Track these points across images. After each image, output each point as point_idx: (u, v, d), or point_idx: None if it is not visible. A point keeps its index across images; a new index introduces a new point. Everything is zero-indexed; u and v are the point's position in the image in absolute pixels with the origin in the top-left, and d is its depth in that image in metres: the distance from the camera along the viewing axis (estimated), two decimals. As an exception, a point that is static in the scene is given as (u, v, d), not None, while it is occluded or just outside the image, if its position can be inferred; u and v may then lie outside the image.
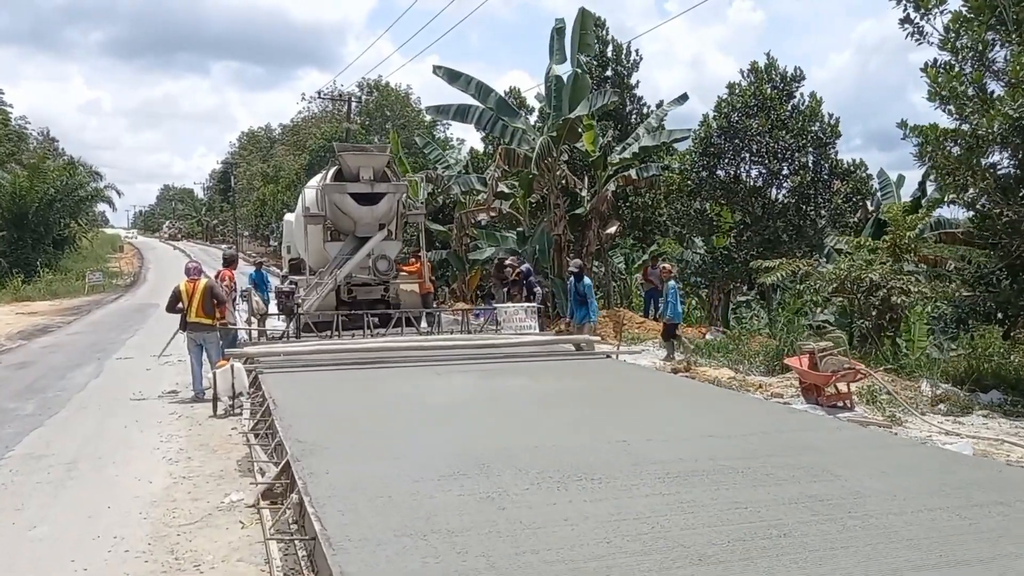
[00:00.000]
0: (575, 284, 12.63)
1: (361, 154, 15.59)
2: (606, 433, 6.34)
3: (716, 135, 15.60)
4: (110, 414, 9.25)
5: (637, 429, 6.50)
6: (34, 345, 16.46)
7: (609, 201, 17.53)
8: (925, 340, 15.23)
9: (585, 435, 6.30)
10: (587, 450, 5.78)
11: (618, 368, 10.26)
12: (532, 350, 11.27)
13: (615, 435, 6.24)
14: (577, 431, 6.45)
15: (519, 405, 7.49)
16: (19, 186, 35.05)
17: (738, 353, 13.15)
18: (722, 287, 17.80)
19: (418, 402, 7.71)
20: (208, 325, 10.02)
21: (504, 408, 7.36)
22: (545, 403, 7.66)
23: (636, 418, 7.06)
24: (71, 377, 11.96)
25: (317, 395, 8.14)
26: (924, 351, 14.46)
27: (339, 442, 6.10)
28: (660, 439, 6.20)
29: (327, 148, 42.10)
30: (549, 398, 7.91)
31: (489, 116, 17.60)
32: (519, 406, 7.44)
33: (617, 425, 6.67)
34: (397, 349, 10.96)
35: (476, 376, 9.24)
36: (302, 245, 16.19)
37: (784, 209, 15.37)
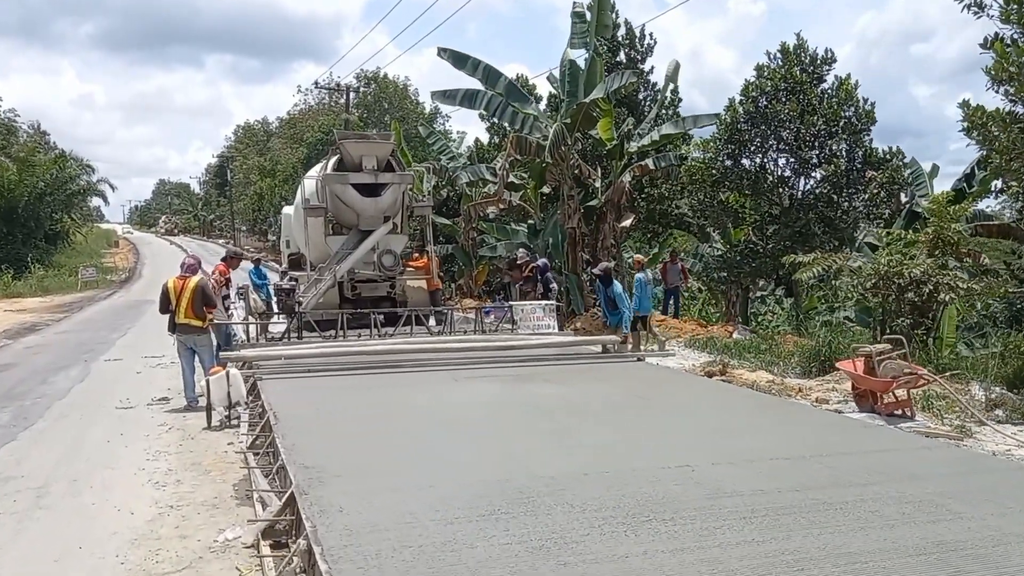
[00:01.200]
0: (603, 289, 11.64)
1: (364, 142, 14.65)
2: (663, 455, 5.44)
3: (743, 120, 14.67)
4: (92, 425, 8.34)
5: (697, 449, 5.61)
6: (18, 345, 15.53)
7: (627, 192, 16.61)
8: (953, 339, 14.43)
9: (639, 457, 5.41)
10: (647, 479, 4.89)
11: (652, 372, 9.37)
12: (554, 352, 10.38)
13: (674, 457, 5.35)
14: (629, 452, 5.55)
15: (555, 418, 6.59)
16: (8, 179, 34.04)
17: (772, 354, 12.27)
18: (741, 283, 16.91)
19: (439, 415, 6.81)
20: (198, 327, 9.10)
21: (538, 422, 6.46)
22: (583, 415, 6.76)
23: (690, 434, 6.17)
24: (53, 381, 11.05)
25: (323, 406, 7.23)
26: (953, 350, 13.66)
27: (352, 467, 5.20)
28: (727, 462, 5.31)
29: (325, 141, 41.09)
30: (586, 409, 7.02)
31: (499, 102, 16.65)
32: (555, 420, 6.54)
33: (672, 444, 5.78)
34: (408, 352, 10.06)
35: (499, 383, 8.34)
36: (302, 239, 15.25)
37: (816, 200, 14.45)
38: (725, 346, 12.96)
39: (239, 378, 8.10)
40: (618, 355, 10.23)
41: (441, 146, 22.18)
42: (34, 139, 51.36)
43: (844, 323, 22.59)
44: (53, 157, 40.63)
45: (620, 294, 11.40)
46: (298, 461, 5.35)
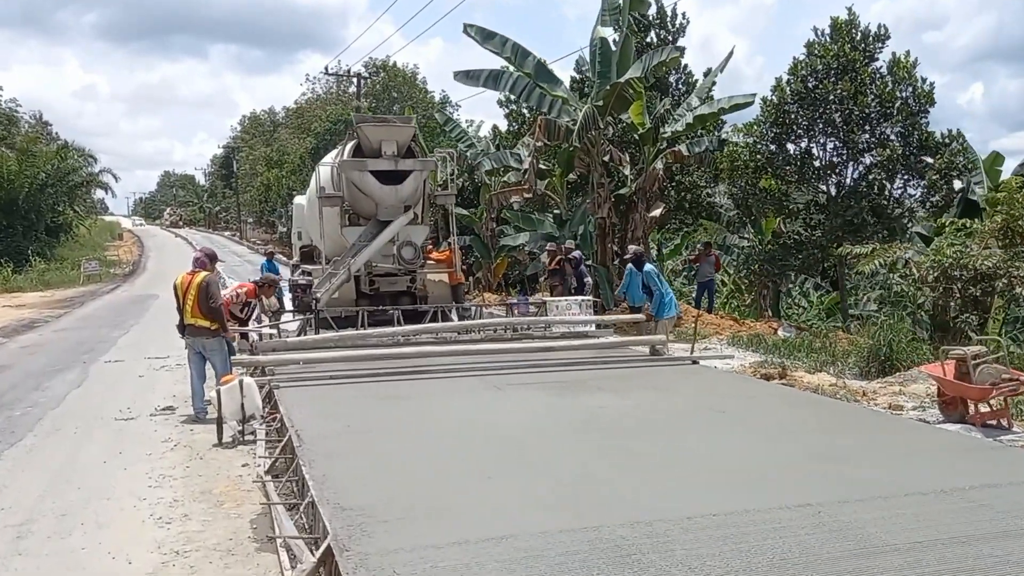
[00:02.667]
0: (636, 274, 10.64)
1: (383, 126, 13.64)
2: (774, 489, 4.46)
3: (790, 101, 13.59)
4: (88, 440, 7.39)
5: (810, 481, 4.62)
6: (13, 344, 14.61)
7: (661, 179, 15.57)
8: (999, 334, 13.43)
9: (745, 492, 4.42)
10: (769, 525, 3.91)
11: (712, 378, 8.36)
12: (598, 354, 9.39)
13: (789, 492, 4.37)
14: (730, 485, 4.56)
15: (625, 438, 5.60)
16: (7, 170, 33.11)
17: (826, 353, 11.26)
18: (782, 277, 15.87)
19: (490, 433, 5.83)
20: (206, 328, 8.10)
21: (608, 444, 5.47)
22: (656, 434, 5.77)
23: (792, 459, 5.16)
24: (48, 387, 10.11)
25: (353, 422, 6.26)
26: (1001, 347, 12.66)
27: (400, 509, 4.23)
28: (855, 499, 4.32)
29: (333, 131, 40.04)
30: (658, 426, 6.03)
31: (525, 83, 15.60)
32: (626, 440, 5.55)
33: (778, 474, 4.79)
34: (438, 355, 9.09)
35: (547, 392, 7.35)
36: (316, 230, 14.27)
37: (869, 187, 13.39)
38: (774, 345, 11.94)
39: (254, 388, 7.13)
40: (670, 358, 9.24)
41: (459, 133, 21.15)
42: (36, 130, 50.52)
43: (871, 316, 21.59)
44: (55, 148, 39.72)
45: (654, 275, 10.40)
46: (332, 499, 4.39)
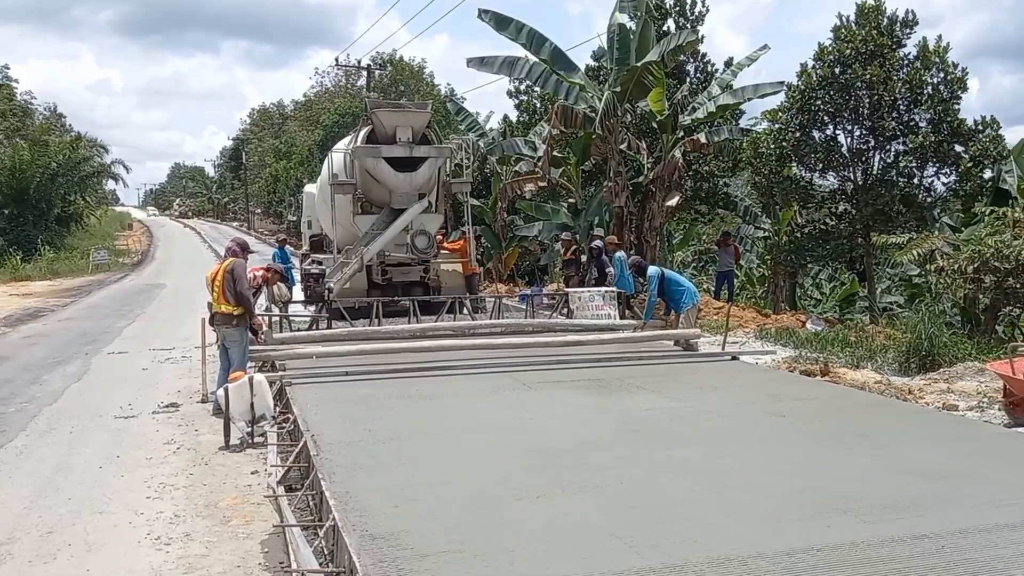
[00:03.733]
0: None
1: (398, 111, 12.79)
2: (878, 517, 3.65)
3: (816, 87, 12.71)
4: (84, 442, 6.59)
5: (918, 505, 3.82)
6: (16, 334, 13.80)
7: (680, 168, 14.71)
8: None
9: (844, 520, 3.62)
10: (886, 566, 3.12)
11: (758, 377, 7.57)
12: (627, 349, 8.59)
13: (896, 521, 3.59)
14: (825, 510, 3.76)
15: (683, 448, 4.80)
16: (19, 160, 32.20)
17: (864, 348, 10.44)
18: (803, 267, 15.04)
19: (529, 441, 5.02)
20: (228, 315, 7.24)
21: (666, 456, 4.66)
22: (718, 443, 4.96)
23: (888, 478, 4.34)
24: (46, 381, 9.30)
25: (374, 426, 5.45)
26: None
27: (441, 537, 3.44)
28: (978, 527, 3.52)
29: (341, 123, 39.10)
30: (716, 434, 5.22)
31: (542, 70, 14.72)
32: (685, 451, 4.75)
33: (872, 493, 3.97)
34: (459, 348, 8.28)
35: (582, 391, 6.55)
36: (327, 219, 13.44)
37: (899, 175, 12.53)
38: (805, 339, 11.11)
39: (264, 386, 6.32)
40: (707, 354, 8.43)
41: (470, 123, 20.27)
42: (50, 121, 49.56)
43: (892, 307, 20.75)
44: (68, 139, 38.81)
45: (655, 279, 9.50)
46: (358, 524, 3.59)
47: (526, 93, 23.84)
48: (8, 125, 37.44)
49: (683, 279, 9.81)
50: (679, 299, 9.26)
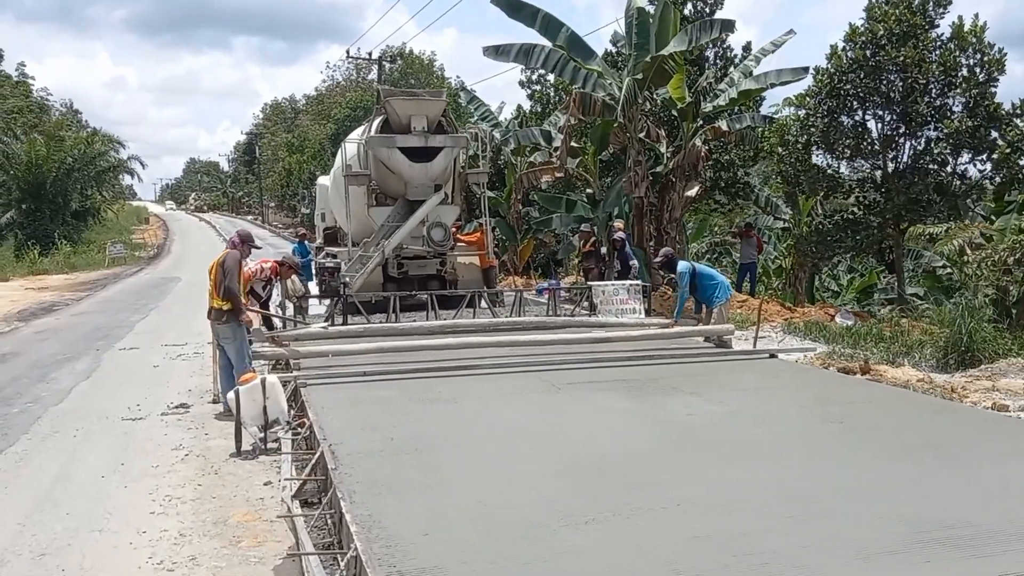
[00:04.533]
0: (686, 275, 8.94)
1: (412, 100, 12.22)
2: (993, 555, 3.08)
3: (848, 70, 12.01)
4: (88, 447, 6.12)
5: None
6: (28, 329, 13.40)
7: (703, 156, 14.06)
8: None
9: (957, 557, 3.05)
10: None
11: (803, 377, 6.98)
12: (658, 347, 8.01)
13: (1013, 556, 3.00)
14: (943, 543, 3.18)
15: (743, 462, 4.24)
16: (35, 155, 31.91)
17: (900, 343, 9.82)
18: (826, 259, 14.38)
19: (566, 452, 4.46)
20: (218, 310, 6.74)
21: (724, 471, 4.10)
22: (781, 457, 4.39)
23: (1002, 506, 3.77)
24: (54, 378, 8.86)
25: (399, 434, 4.92)
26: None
27: (479, 570, 2.91)
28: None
29: (352, 117, 38.54)
30: (777, 445, 4.64)
31: (558, 57, 14.09)
32: (746, 466, 4.19)
33: (994, 527, 3.39)
34: (480, 346, 7.73)
35: (616, 394, 5.99)
36: (341, 211, 12.92)
37: (933, 162, 11.84)
38: (837, 334, 10.50)
39: (278, 388, 5.81)
40: (745, 352, 7.86)
41: (484, 112, 19.65)
42: (67, 117, 49.33)
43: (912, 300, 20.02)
44: (84, 135, 38.51)
45: (687, 275, 8.78)
46: (385, 558, 3.06)
47: (539, 82, 23.17)
48: (25, 121, 37.23)
49: (715, 272, 9.20)
50: (712, 294, 8.66)
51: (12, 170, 32.05)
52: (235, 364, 6.70)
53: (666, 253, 9.18)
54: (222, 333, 6.72)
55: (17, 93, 41.75)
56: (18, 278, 25.13)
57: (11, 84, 42.27)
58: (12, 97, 40.21)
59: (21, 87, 43.77)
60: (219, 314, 6.67)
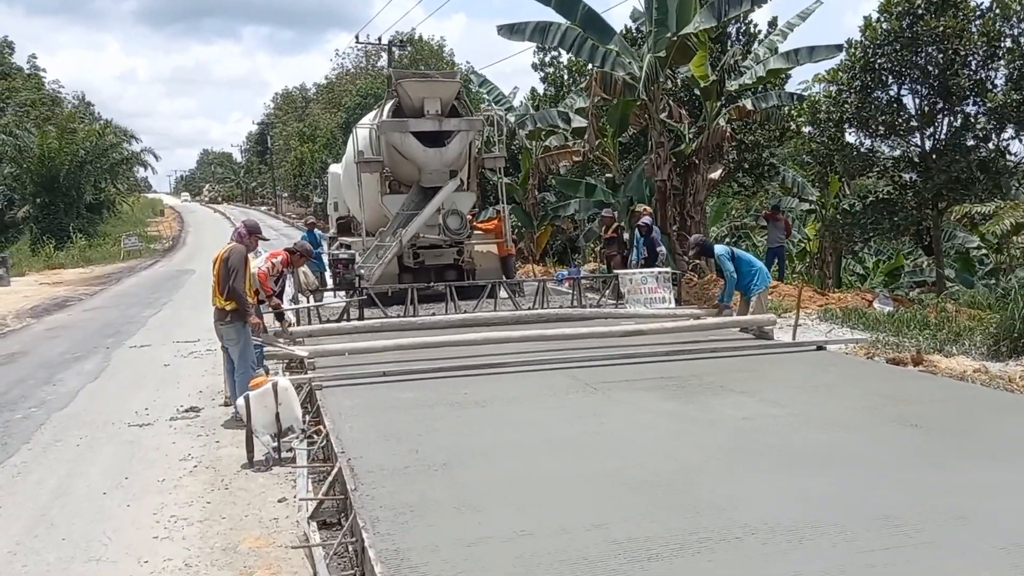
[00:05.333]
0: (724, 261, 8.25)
1: (425, 82, 11.65)
2: None
3: (883, 42, 11.26)
4: (90, 457, 5.67)
5: None
6: (39, 326, 13.03)
7: (729, 137, 13.38)
8: None
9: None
10: None
11: (858, 370, 6.40)
12: (694, 339, 7.45)
13: None
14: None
15: (818, 478, 3.69)
16: (48, 147, 31.56)
17: (948, 330, 9.18)
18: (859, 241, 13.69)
19: (615, 464, 3.92)
20: (220, 310, 6.20)
21: (808, 491, 3.55)
22: (857, 466, 3.83)
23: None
24: (61, 380, 8.43)
25: (422, 444, 4.41)
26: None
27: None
28: None
29: (363, 105, 37.90)
30: (847, 454, 4.08)
31: (575, 35, 13.41)
32: (823, 482, 3.64)
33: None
34: (505, 341, 7.21)
35: (659, 394, 5.45)
36: (354, 200, 12.41)
37: (977, 139, 11.11)
38: (876, 320, 9.86)
39: (291, 393, 5.31)
40: (791, 344, 7.27)
41: (496, 95, 18.99)
42: (79, 110, 49.03)
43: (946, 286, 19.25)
44: (96, 126, 38.15)
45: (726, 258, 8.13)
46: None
47: (552, 64, 22.48)
48: (38, 114, 36.92)
49: (753, 258, 8.57)
50: (750, 281, 8.04)
51: (25, 163, 31.76)
52: (237, 368, 6.20)
53: (698, 240, 8.57)
54: (225, 335, 6.22)
55: (29, 86, 41.42)
56: (34, 273, 24.91)
57: (23, 77, 41.93)
58: (24, 90, 39.90)
59: (33, 80, 43.42)
60: (221, 314, 6.16)
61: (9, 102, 37.48)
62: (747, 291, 8.22)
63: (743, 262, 8.20)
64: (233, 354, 6.23)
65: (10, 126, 33.29)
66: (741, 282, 8.27)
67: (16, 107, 36.99)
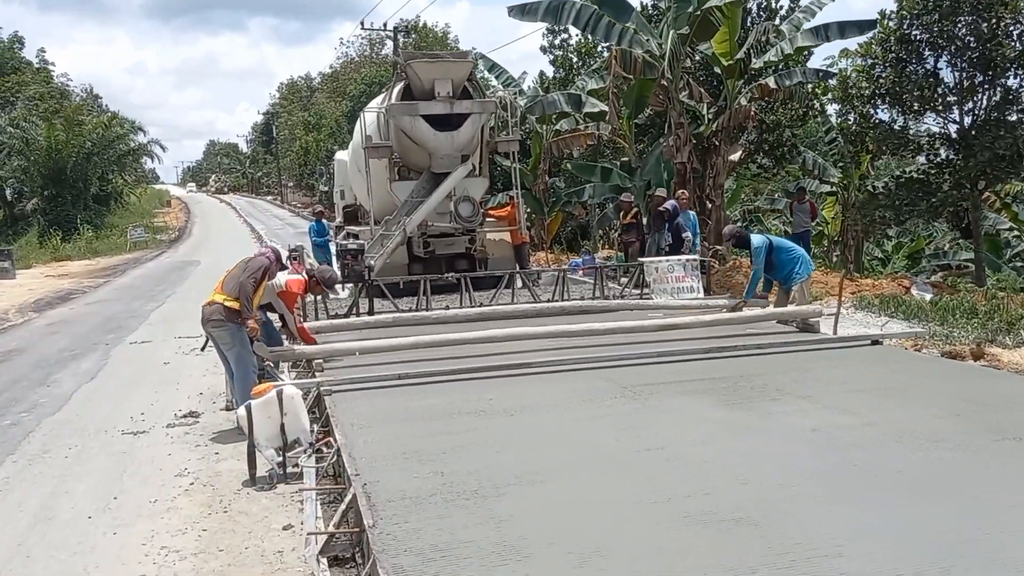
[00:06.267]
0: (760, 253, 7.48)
1: (436, 62, 10.90)
2: None
3: (920, 11, 10.47)
4: (79, 472, 5.07)
5: None
6: (41, 320, 12.48)
7: (753, 117, 12.62)
8: None
9: None
10: None
11: (926, 369, 5.73)
12: (733, 333, 6.79)
13: None
14: None
15: (938, 510, 3.04)
16: (55, 139, 30.96)
17: (999, 319, 8.48)
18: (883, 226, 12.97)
19: (681, 491, 3.28)
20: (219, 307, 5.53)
21: (946, 531, 2.91)
22: (972, 495, 3.18)
23: None
24: (57, 380, 7.85)
25: (448, 464, 3.78)
26: None
27: None
28: None
29: (368, 93, 37.08)
30: (952, 476, 3.43)
31: (590, 13, 12.64)
32: (948, 517, 2.99)
33: None
34: (530, 337, 6.56)
35: (707, 400, 4.80)
36: (362, 187, 11.75)
37: (1021, 112, 10.35)
38: (919, 309, 9.16)
39: (298, 403, 4.69)
40: (843, 339, 6.59)
41: (505, 79, 18.22)
42: (87, 102, 48.34)
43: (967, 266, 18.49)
44: (106, 119, 37.52)
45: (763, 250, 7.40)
46: None
47: (561, 47, 21.65)
48: (47, 107, 36.30)
49: (794, 245, 7.86)
50: (791, 269, 7.35)
51: (32, 156, 31.20)
52: (236, 374, 5.59)
53: (733, 231, 7.87)
54: (220, 338, 5.60)
55: (38, 80, 40.80)
56: (40, 265, 24.39)
57: (32, 70, 41.31)
58: (34, 84, 39.29)
59: (42, 74, 42.78)
60: (217, 310, 5.52)
61: (19, 96, 36.92)
62: (788, 280, 7.53)
63: (782, 250, 7.49)
64: (230, 358, 5.62)
65: (18, 119, 32.72)
66: (781, 272, 7.56)
67: (25, 100, 36.39)
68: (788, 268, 7.34)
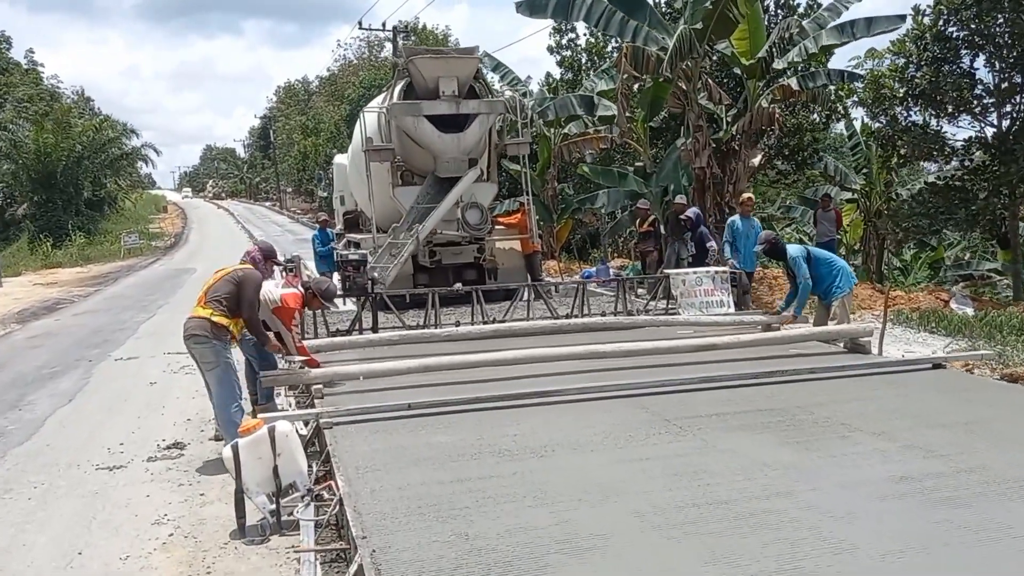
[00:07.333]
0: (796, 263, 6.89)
1: (440, 59, 10.36)
2: None
3: (957, 7, 9.94)
4: (42, 517, 4.46)
5: None
6: (23, 333, 11.86)
7: (778, 120, 12.05)
8: None
9: None
10: None
11: (998, 396, 5.12)
12: (773, 353, 6.20)
13: None
14: None
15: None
16: (43, 142, 30.36)
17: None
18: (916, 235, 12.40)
19: (770, 568, 2.69)
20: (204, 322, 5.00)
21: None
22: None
23: None
24: (32, 403, 7.23)
25: (472, 524, 3.17)
26: None
27: None
28: None
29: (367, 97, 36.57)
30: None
31: (603, 8, 12.11)
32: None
33: None
34: (551, 359, 5.96)
35: (763, 437, 4.21)
36: (363, 192, 11.18)
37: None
38: (963, 324, 8.58)
39: (294, 441, 4.09)
40: (901, 361, 6.00)
41: (511, 79, 17.66)
42: (78, 105, 47.78)
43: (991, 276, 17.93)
44: (96, 122, 36.96)
45: (801, 260, 6.85)
46: None
47: (569, 47, 21.15)
48: (36, 110, 35.76)
49: (833, 256, 7.29)
50: (832, 283, 6.77)
51: (21, 159, 30.58)
52: (216, 399, 5.00)
53: (768, 237, 7.27)
54: (202, 356, 5.00)
55: (27, 81, 40.27)
56: (30, 272, 23.78)
57: (20, 71, 40.76)
58: (22, 85, 38.75)
59: (31, 75, 42.25)
60: (201, 325, 4.94)
61: (7, 98, 36.37)
62: (828, 295, 6.95)
63: (821, 262, 6.92)
64: (210, 380, 5.02)
65: (6, 122, 32.15)
66: (820, 286, 6.98)
67: (15, 102, 35.85)
68: (828, 281, 6.76)
